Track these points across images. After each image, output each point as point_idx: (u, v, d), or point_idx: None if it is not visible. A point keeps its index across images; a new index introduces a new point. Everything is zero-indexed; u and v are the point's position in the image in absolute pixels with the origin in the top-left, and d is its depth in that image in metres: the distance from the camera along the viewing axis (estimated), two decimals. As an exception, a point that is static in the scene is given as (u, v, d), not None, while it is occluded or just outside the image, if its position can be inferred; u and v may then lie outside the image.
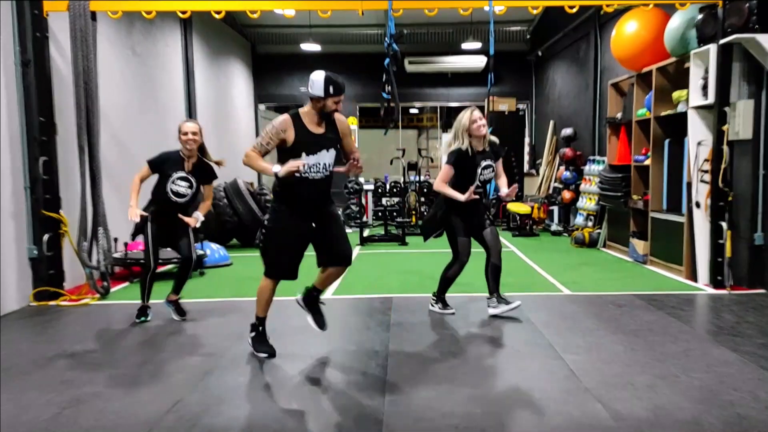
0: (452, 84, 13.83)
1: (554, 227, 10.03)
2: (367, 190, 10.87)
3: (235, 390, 3.34)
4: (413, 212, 10.79)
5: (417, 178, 11.16)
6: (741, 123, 5.50)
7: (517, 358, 3.84)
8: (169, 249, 7.16)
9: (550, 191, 10.64)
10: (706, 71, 5.77)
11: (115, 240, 6.11)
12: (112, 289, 5.89)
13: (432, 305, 4.97)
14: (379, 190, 11.04)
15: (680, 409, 3.01)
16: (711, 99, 5.69)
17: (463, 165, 4.61)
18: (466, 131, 4.58)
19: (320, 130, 3.81)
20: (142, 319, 4.81)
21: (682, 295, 5.50)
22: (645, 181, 7.15)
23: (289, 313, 4.97)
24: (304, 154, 3.70)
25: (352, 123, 13.72)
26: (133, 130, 7.56)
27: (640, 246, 7.09)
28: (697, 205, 5.90)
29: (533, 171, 12.39)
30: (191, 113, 9.49)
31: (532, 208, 10.15)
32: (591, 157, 9.17)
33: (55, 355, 3.96)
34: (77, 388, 3.37)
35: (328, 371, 3.65)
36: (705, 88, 5.80)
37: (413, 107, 15.79)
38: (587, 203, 8.82)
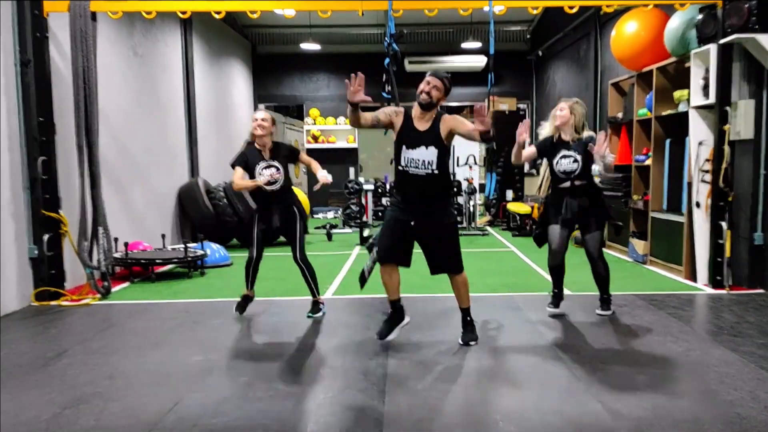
0: (452, 84, 13.81)
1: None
2: (367, 190, 10.86)
3: (235, 390, 3.33)
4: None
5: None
6: (742, 123, 5.50)
7: (517, 358, 3.83)
8: (164, 248, 7.18)
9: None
10: (707, 71, 5.77)
11: (116, 240, 6.11)
12: (113, 289, 5.88)
13: (548, 305, 4.87)
14: (379, 190, 11.04)
15: (680, 409, 3.01)
16: (712, 99, 5.69)
17: (544, 151, 4.65)
18: (552, 118, 4.64)
19: (423, 127, 3.86)
20: (238, 312, 4.84)
21: (682, 295, 5.50)
22: (645, 181, 7.15)
23: (289, 312, 4.97)
24: (404, 147, 3.83)
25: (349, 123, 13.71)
26: (133, 130, 7.56)
27: (640, 246, 7.09)
28: (698, 205, 5.90)
29: (533, 171, 12.38)
30: (191, 113, 9.49)
31: (532, 208, 10.15)
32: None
33: (55, 355, 3.96)
34: (77, 388, 3.37)
35: (328, 371, 3.65)
36: (706, 88, 5.80)
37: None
38: (587, 203, 8.80)
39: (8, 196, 5.22)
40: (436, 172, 3.84)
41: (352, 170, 12.97)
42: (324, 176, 4.68)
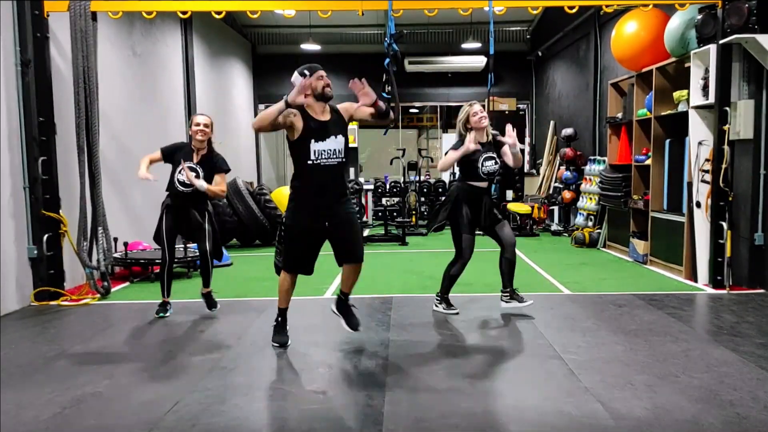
0: (452, 84, 13.83)
1: (554, 227, 10.04)
2: (367, 190, 10.87)
3: (235, 390, 3.34)
4: (413, 212, 10.79)
5: (417, 178, 11.16)
6: (742, 123, 5.50)
7: (517, 357, 3.84)
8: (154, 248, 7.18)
9: (551, 191, 10.65)
10: (707, 71, 5.77)
11: (115, 240, 6.11)
12: (113, 289, 5.88)
13: (436, 305, 4.96)
14: (379, 190, 11.04)
15: (680, 408, 3.01)
16: (711, 99, 5.69)
17: (465, 157, 4.65)
18: (467, 124, 4.70)
19: (326, 118, 3.92)
20: (161, 315, 4.89)
21: (682, 295, 5.50)
22: (645, 181, 7.15)
23: (290, 313, 4.97)
24: (312, 141, 3.82)
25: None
26: (133, 130, 7.56)
27: (640, 246, 7.09)
28: (698, 204, 5.90)
29: (533, 171, 12.39)
30: (191, 113, 9.48)
31: (533, 208, 10.15)
32: (591, 157, 9.17)
33: (55, 355, 3.96)
34: (77, 388, 3.37)
35: (328, 371, 3.65)
36: (705, 88, 5.80)
37: (413, 107, 15.79)
38: (587, 203, 8.82)
39: (8, 196, 5.22)
40: (344, 160, 3.94)
41: (352, 170, 12.96)
42: (200, 184, 4.69)
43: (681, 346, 3.98)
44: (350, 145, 14.41)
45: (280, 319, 4.15)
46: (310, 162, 3.83)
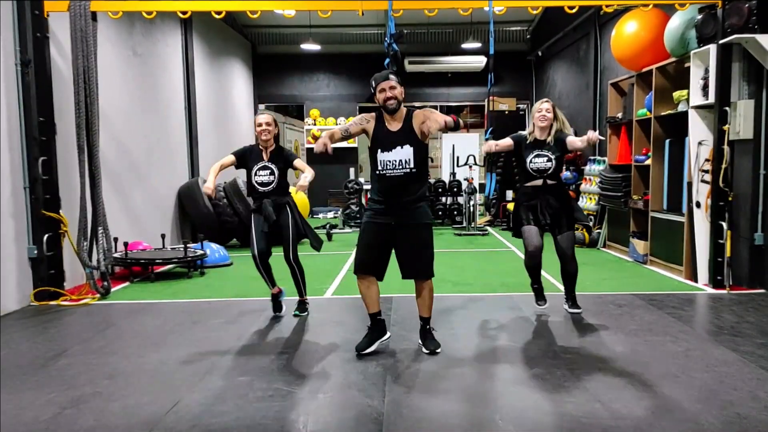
0: (452, 84, 13.84)
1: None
2: (367, 190, 10.87)
3: (235, 390, 3.33)
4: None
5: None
6: (742, 123, 5.50)
7: (516, 357, 3.83)
8: (163, 248, 7.18)
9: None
10: (706, 71, 5.77)
11: (115, 240, 6.11)
12: (113, 289, 5.88)
13: (537, 303, 4.91)
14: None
15: (680, 408, 3.01)
16: (711, 99, 5.69)
17: (519, 146, 4.66)
18: (533, 118, 4.68)
19: (395, 128, 3.88)
20: (276, 313, 4.93)
21: (682, 295, 5.50)
22: (645, 181, 7.15)
23: (289, 312, 4.97)
24: (379, 151, 3.85)
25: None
26: (133, 130, 7.57)
27: (640, 246, 7.09)
28: (698, 204, 5.90)
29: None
30: (191, 113, 9.49)
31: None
32: (591, 157, 9.17)
33: (55, 355, 3.96)
34: (77, 388, 3.37)
35: (328, 371, 3.64)
36: (705, 88, 5.80)
37: (413, 107, 15.81)
38: (587, 203, 8.81)
39: (8, 196, 5.22)
40: (414, 170, 3.84)
41: (352, 170, 12.97)
42: (301, 185, 4.64)
43: (681, 346, 3.98)
44: (351, 145, 14.26)
45: (368, 325, 4.05)
46: (377, 172, 3.86)
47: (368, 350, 3.94)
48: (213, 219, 8.45)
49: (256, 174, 4.73)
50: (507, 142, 4.70)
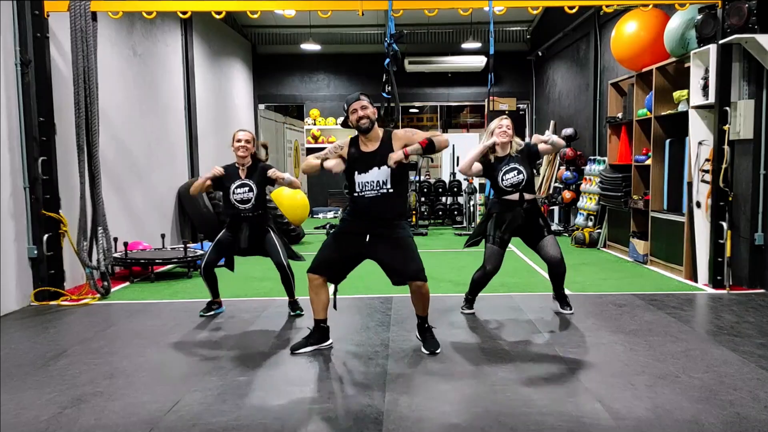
0: (452, 84, 13.84)
1: (554, 227, 10.03)
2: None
3: (235, 390, 3.33)
4: (413, 212, 10.79)
5: (417, 178, 11.16)
6: (742, 123, 5.50)
7: (517, 357, 3.83)
8: (163, 248, 7.18)
9: (551, 191, 10.64)
10: (707, 71, 5.77)
11: (115, 240, 6.11)
12: (113, 289, 5.88)
13: (462, 308, 4.93)
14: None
15: (680, 408, 3.01)
16: (711, 99, 5.69)
17: (487, 169, 4.62)
18: (491, 135, 4.62)
19: (371, 149, 3.85)
20: (202, 313, 4.96)
21: (682, 295, 5.50)
22: (645, 181, 7.15)
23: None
24: (356, 173, 3.83)
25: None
26: (133, 130, 7.57)
27: (640, 246, 7.09)
28: (698, 204, 5.90)
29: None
30: (191, 113, 9.49)
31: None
32: (591, 157, 9.17)
33: (55, 355, 3.96)
34: (77, 388, 3.37)
35: (328, 371, 3.65)
36: (705, 88, 5.80)
37: (413, 107, 15.80)
38: (587, 203, 8.82)
39: (8, 196, 5.22)
40: (390, 190, 3.80)
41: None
42: (278, 174, 4.69)
43: (681, 346, 3.98)
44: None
45: (311, 327, 4.06)
46: (355, 194, 3.85)
47: (302, 350, 3.93)
48: (213, 219, 8.45)
49: (234, 192, 4.67)
50: (477, 167, 4.62)
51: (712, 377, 3.42)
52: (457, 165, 11.21)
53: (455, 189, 11.22)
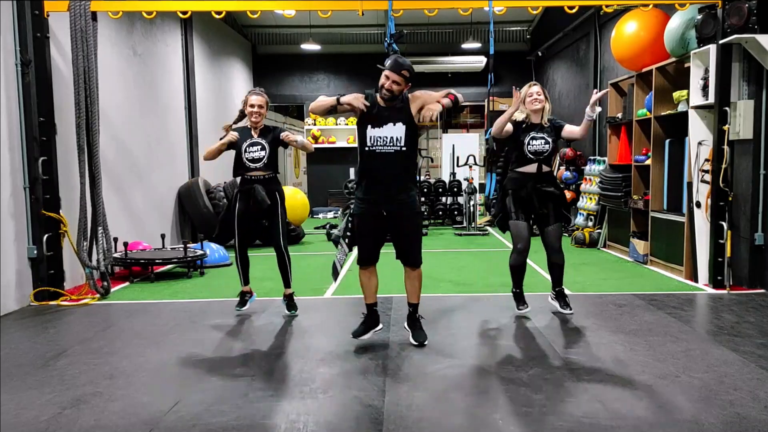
0: (452, 84, 13.80)
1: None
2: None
3: (235, 390, 3.33)
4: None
5: (417, 178, 11.15)
6: (741, 123, 5.50)
7: (517, 357, 3.83)
8: (163, 248, 7.18)
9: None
10: (706, 71, 5.77)
11: (115, 240, 6.11)
12: (112, 289, 5.88)
13: (518, 308, 4.82)
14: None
15: (680, 409, 3.01)
16: (711, 99, 5.69)
17: (516, 132, 4.61)
18: (523, 103, 4.62)
19: (390, 105, 3.81)
20: (238, 309, 4.94)
21: (682, 295, 5.50)
22: (645, 181, 7.15)
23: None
24: (369, 126, 3.77)
25: (352, 123, 13.73)
26: (133, 130, 7.57)
27: (640, 246, 7.09)
28: (698, 204, 5.90)
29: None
30: (191, 113, 9.49)
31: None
32: (591, 157, 9.17)
33: (55, 355, 3.96)
34: (77, 389, 3.37)
35: (328, 371, 3.64)
36: (705, 88, 5.80)
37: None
38: (587, 203, 8.82)
39: (8, 196, 5.22)
40: (404, 148, 3.77)
41: (352, 170, 12.97)
42: (291, 137, 4.70)
43: (681, 346, 3.98)
44: (351, 145, 14.28)
45: (363, 313, 4.10)
46: (366, 148, 3.79)
47: (364, 337, 4.00)
48: (213, 219, 8.44)
49: (246, 151, 4.68)
50: (509, 128, 4.60)
51: (712, 377, 3.42)
52: (457, 165, 11.23)
53: (455, 189, 11.22)
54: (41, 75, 5.43)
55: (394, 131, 3.76)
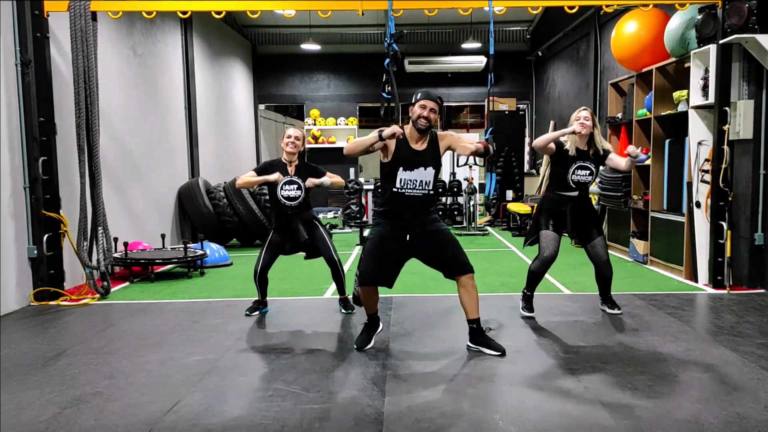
0: (452, 84, 13.84)
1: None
2: (367, 190, 10.87)
3: (235, 390, 3.34)
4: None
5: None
6: (741, 123, 5.50)
7: (517, 358, 3.83)
8: (163, 248, 7.18)
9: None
10: (706, 71, 5.77)
11: (115, 240, 6.11)
12: (112, 289, 5.88)
13: (522, 309, 4.85)
14: (380, 191, 11.05)
15: (680, 409, 3.01)
16: (711, 99, 5.69)
17: (561, 154, 4.56)
18: (575, 125, 4.56)
19: (420, 147, 3.81)
20: (247, 312, 4.94)
21: (682, 295, 5.50)
22: (645, 181, 7.15)
23: (289, 312, 4.97)
24: (401, 169, 3.76)
25: (352, 123, 13.73)
26: (133, 130, 7.57)
27: (640, 246, 7.09)
28: (698, 204, 5.90)
29: (533, 171, 12.39)
30: (191, 113, 9.49)
31: (533, 208, 10.15)
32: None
33: (55, 355, 3.96)
34: (77, 389, 3.37)
35: (328, 371, 3.64)
36: (705, 88, 5.80)
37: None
38: (587, 203, 8.80)
39: (8, 196, 5.22)
40: (431, 192, 3.83)
41: (352, 170, 12.97)
42: (313, 181, 4.72)
43: (681, 346, 3.98)
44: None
45: (365, 322, 4.11)
46: (395, 189, 3.78)
47: (368, 347, 3.97)
48: (213, 219, 8.45)
49: (282, 188, 4.68)
50: (551, 147, 4.53)
51: (712, 377, 3.42)
52: (457, 165, 11.23)
53: (455, 189, 11.21)
54: (41, 75, 5.43)
55: (425, 175, 3.78)
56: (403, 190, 3.78)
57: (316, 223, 4.87)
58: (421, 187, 3.78)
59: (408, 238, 3.82)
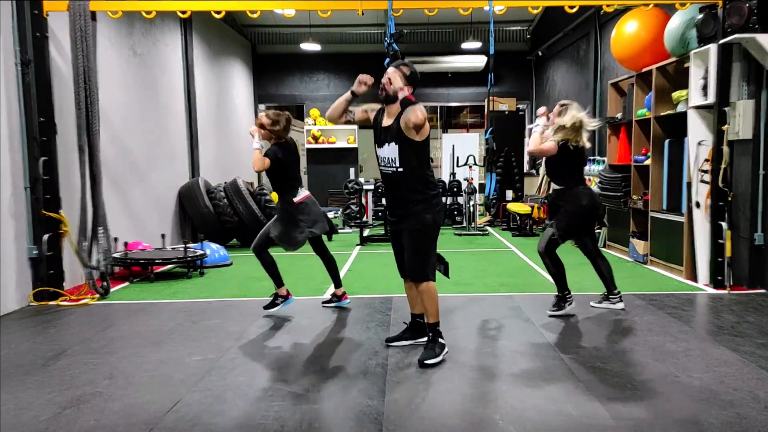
0: (452, 84, 13.84)
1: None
2: (367, 190, 10.87)
3: (235, 390, 3.34)
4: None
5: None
6: (741, 123, 5.50)
7: (517, 357, 3.83)
8: (163, 248, 7.18)
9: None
10: (706, 71, 5.77)
11: (115, 240, 6.11)
12: (112, 289, 5.88)
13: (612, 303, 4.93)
14: (379, 190, 11.04)
15: (680, 409, 3.02)
16: (711, 99, 5.69)
17: (573, 158, 4.61)
18: (581, 128, 4.53)
19: (387, 123, 3.77)
20: (266, 309, 4.97)
21: (682, 295, 5.50)
22: (645, 181, 7.15)
23: (289, 312, 4.97)
24: (376, 146, 3.78)
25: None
26: (133, 130, 7.57)
27: (640, 246, 7.09)
28: (697, 205, 5.90)
29: (533, 171, 12.39)
30: (191, 113, 9.49)
31: (532, 208, 10.15)
32: (591, 157, 9.15)
33: (55, 355, 3.96)
34: (77, 388, 3.37)
35: (328, 371, 3.65)
36: (705, 88, 5.80)
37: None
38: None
39: (8, 196, 5.22)
40: (399, 169, 3.65)
41: (352, 170, 12.97)
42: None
43: (681, 346, 3.98)
44: (351, 145, 14.17)
45: (406, 322, 4.14)
46: (380, 168, 3.80)
47: (395, 344, 4.01)
48: (213, 219, 8.45)
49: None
50: (550, 145, 4.58)
51: (712, 377, 3.42)
52: (457, 165, 11.23)
53: (455, 189, 11.22)
54: (41, 75, 5.43)
55: (390, 151, 3.70)
56: (381, 167, 3.78)
57: (280, 207, 4.90)
58: (389, 165, 3.71)
59: (399, 227, 3.83)
